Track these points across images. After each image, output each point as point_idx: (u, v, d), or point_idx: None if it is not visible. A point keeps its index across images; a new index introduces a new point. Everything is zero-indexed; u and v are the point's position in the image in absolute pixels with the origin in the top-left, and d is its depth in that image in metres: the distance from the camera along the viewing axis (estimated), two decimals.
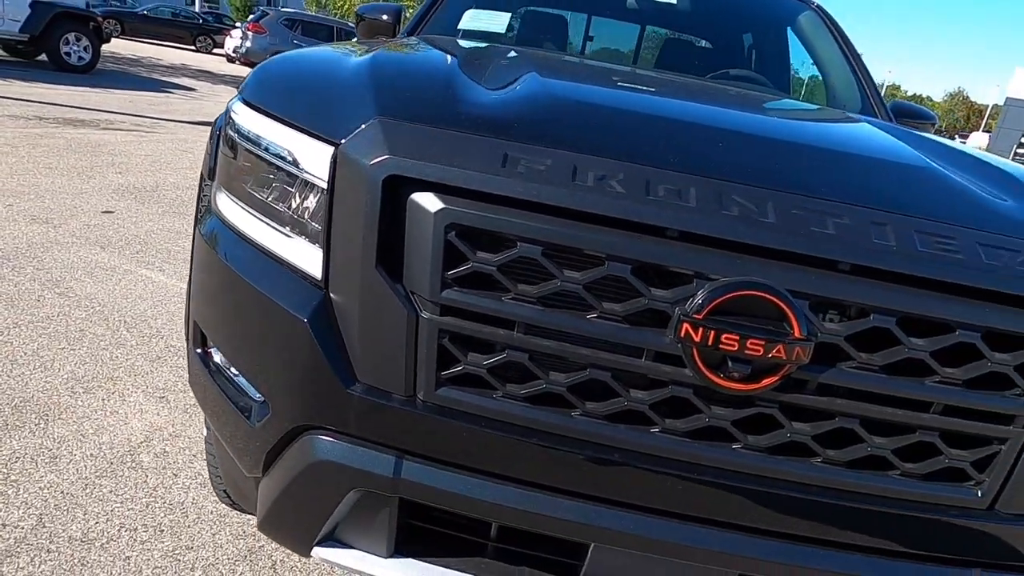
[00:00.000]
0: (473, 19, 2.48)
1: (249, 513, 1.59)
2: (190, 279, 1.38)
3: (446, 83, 1.13)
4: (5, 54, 12.73)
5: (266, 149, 1.14)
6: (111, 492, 2.05)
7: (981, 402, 0.97)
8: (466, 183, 0.94)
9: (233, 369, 1.22)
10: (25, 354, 2.72)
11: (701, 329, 0.90)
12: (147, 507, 2.02)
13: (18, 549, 1.78)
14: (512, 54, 1.63)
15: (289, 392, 1.09)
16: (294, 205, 1.10)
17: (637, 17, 2.90)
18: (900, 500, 1.01)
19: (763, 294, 0.90)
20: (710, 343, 0.90)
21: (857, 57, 2.62)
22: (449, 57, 1.29)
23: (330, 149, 1.03)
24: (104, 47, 13.03)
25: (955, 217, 0.99)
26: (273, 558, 1.91)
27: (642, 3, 2.81)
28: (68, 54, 11.95)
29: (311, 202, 1.07)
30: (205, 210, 1.33)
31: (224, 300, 1.21)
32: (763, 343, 0.89)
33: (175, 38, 28.49)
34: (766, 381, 0.93)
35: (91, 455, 2.20)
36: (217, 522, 2.00)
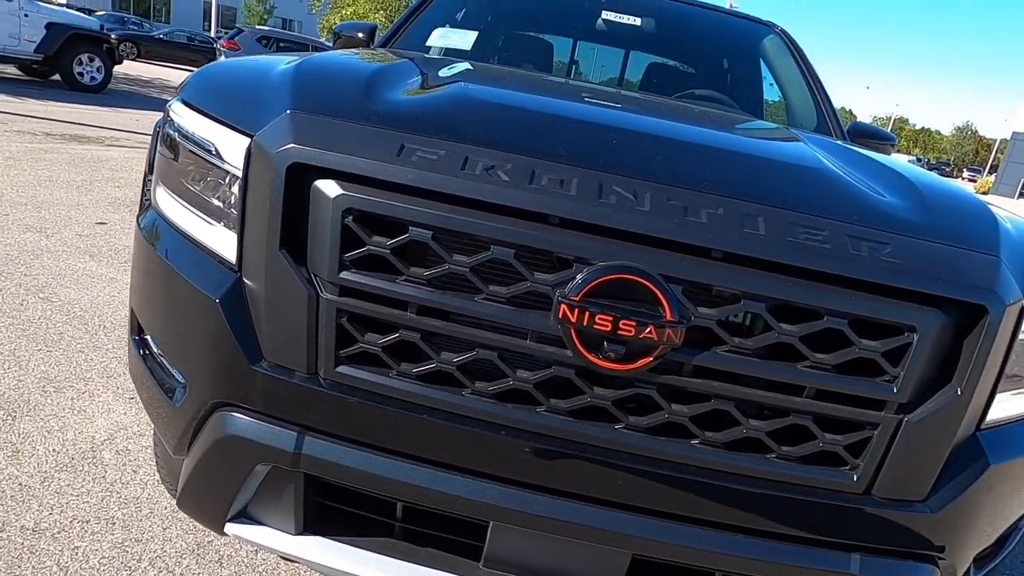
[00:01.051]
0: (441, 37, 2.58)
1: None
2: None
3: (362, 85, 1.20)
4: (21, 73, 13.05)
5: (195, 142, 1.21)
6: (68, 486, 2.09)
7: (851, 387, 1.01)
8: (363, 171, 1.00)
9: (160, 353, 1.28)
10: (1, 354, 2.79)
11: (577, 310, 0.95)
12: (102, 501, 2.06)
13: None
14: (453, 64, 1.71)
15: (203, 370, 1.14)
16: (215, 194, 1.17)
17: (604, 38, 3.00)
18: (779, 482, 1.05)
19: (636, 278, 0.95)
20: (586, 324, 0.95)
21: (816, 79, 2.69)
22: (377, 64, 1.36)
23: (246, 140, 1.10)
24: (118, 69, 13.36)
25: (828, 211, 1.04)
26: (220, 552, 1.95)
27: (610, 25, 2.90)
28: (81, 74, 12.24)
29: (229, 191, 1.14)
30: (146, 205, 1.39)
31: (154, 286, 1.27)
32: (635, 324, 0.94)
33: (190, 61, 29.07)
34: (641, 362, 0.97)
35: (53, 450, 2.25)
36: (169, 517, 2.04)
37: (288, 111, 1.08)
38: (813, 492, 1.05)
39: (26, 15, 11.44)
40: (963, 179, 69.56)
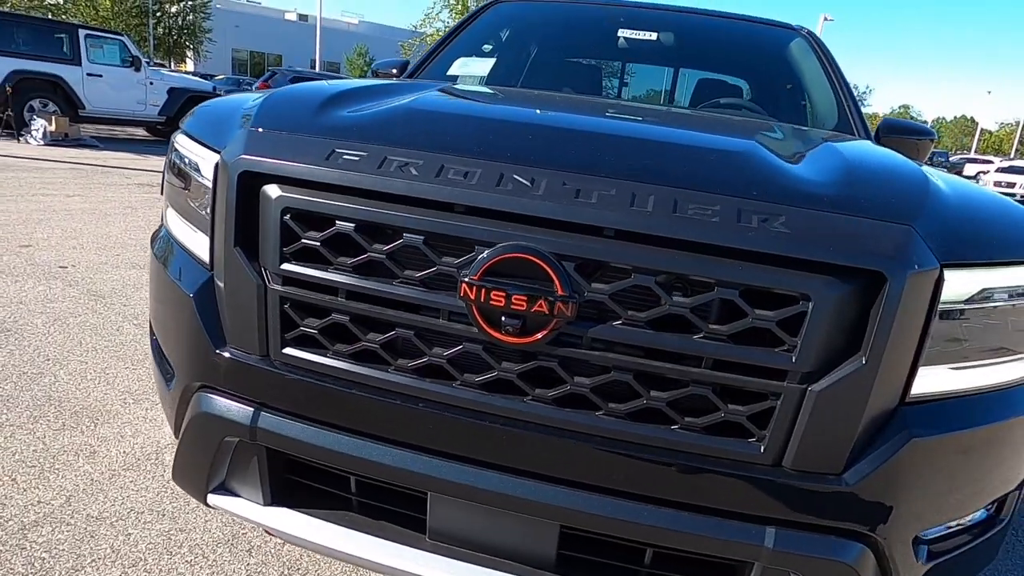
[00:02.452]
0: (461, 66, 2.75)
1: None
2: None
3: (316, 106, 1.35)
4: (148, 135, 14.64)
5: (186, 163, 1.41)
6: (131, 482, 2.36)
7: (747, 357, 1.03)
8: (297, 174, 1.15)
9: (161, 347, 1.47)
10: (95, 372, 3.17)
11: (476, 288, 1.04)
12: (156, 495, 2.30)
13: (44, 520, 2.10)
14: (432, 85, 1.85)
15: (185, 357, 1.31)
16: (198, 205, 1.35)
17: (627, 57, 3.07)
18: (686, 453, 1.07)
19: (529, 257, 1.03)
20: (484, 300, 1.04)
21: (840, 79, 2.63)
22: (346, 87, 1.52)
23: (216, 156, 1.28)
24: None
25: (724, 188, 1.07)
26: (251, 543, 2.13)
27: (632, 43, 2.97)
28: None
29: (205, 200, 1.32)
30: (160, 226, 1.61)
31: (157, 291, 1.47)
32: (526, 299, 1.02)
33: None
34: (538, 335, 1.04)
35: (123, 452, 2.54)
36: (211, 512, 2.25)
37: (245, 129, 1.25)
38: (721, 463, 1.06)
39: (151, 83, 12.88)
40: None
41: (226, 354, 1.23)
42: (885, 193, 1.14)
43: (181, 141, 1.47)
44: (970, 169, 39.61)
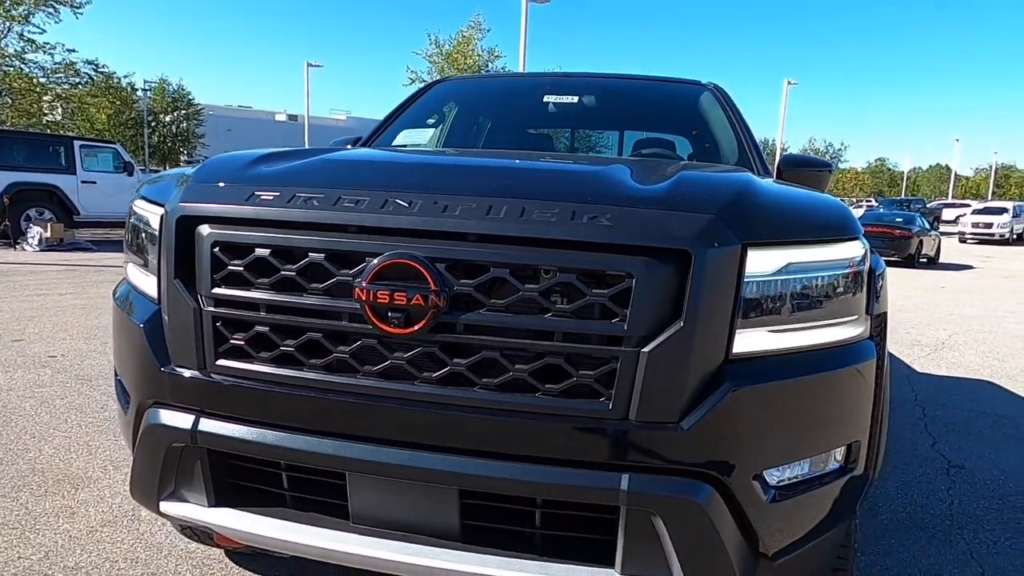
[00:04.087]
0: (404, 137, 3.08)
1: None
2: None
3: (246, 163, 1.62)
4: None
5: (140, 220, 1.66)
6: (107, 536, 2.50)
7: (588, 328, 1.25)
8: (223, 213, 1.40)
9: (119, 378, 1.69)
10: (78, 445, 3.34)
11: (367, 291, 1.27)
12: (131, 546, 2.44)
13: (24, 573, 2.23)
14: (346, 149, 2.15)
15: (137, 379, 1.52)
16: (148, 253, 1.60)
17: (559, 118, 3.42)
18: (550, 415, 1.27)
19: (407, 261, 1.27)
20: (374, 299, 1.27)
21: (740, 123, 2.96)
22: (276, 151, 1.79)
23: (161, 209, 1.53)
24: None
25: (567, 197, 1.33)
26: None
27: (560, 107, 3.33)
28: None
29: (153, 248, 1.57)
30: (122, 279, 1.85)
31: (116, 328, 1.70)
32: (405, 294, 1.25)
33: None
34: (419, 325, 1.27)
35: (102, 511, 2.68)
36: (182, 556, 2.39)
37: (184, 185, 1.51)
38: (579, 421, 1.26)
39: None
40: None
41: (170, 371, 1.44)
42: (699, 195, 1.40)
43: (137, 204, 1.73)
44: (949, 213, 40.60)
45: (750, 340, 1.31)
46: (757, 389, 1.28)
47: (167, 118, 41.25)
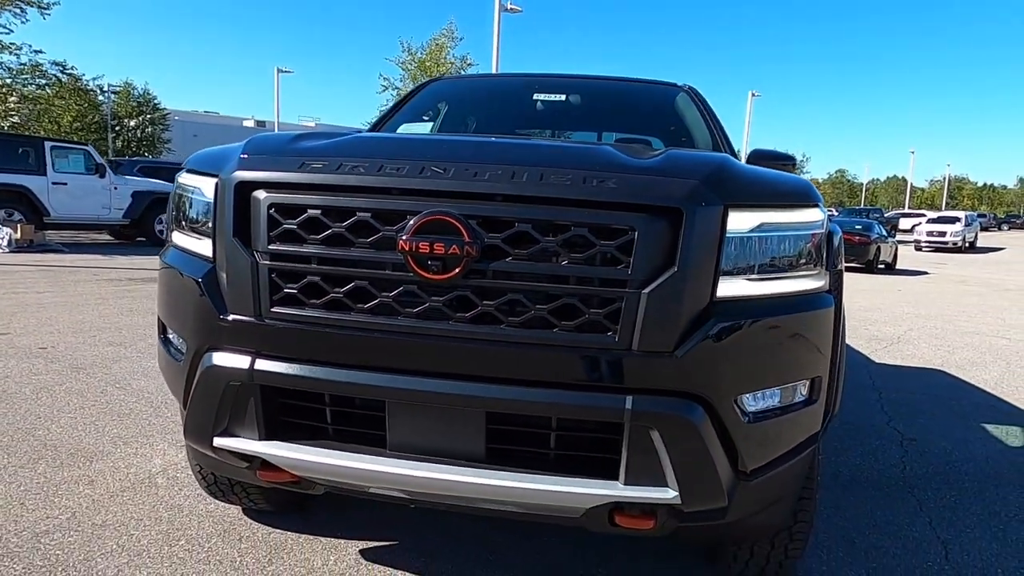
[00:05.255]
0: (404, 131, 3.30)
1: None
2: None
3: (288, 140, 1.83)
4: (111, 239, 14.97)
5: (190, 190, 1.86)
6: (129, 500, 2.65)
7: (599, 273, 1.49)
8: (277, 179, 1.61)
9: (171, 332, 1.87)
10: (84, 424, 3.46)
11: (409, 243, 1.49)
12: (152, 507, 2.60)
13: (55, 530, 2.38)
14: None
15: (193, 328, 1.72)
16: (201, 217, 1.80)
17: (547, 115, 3.67)
18: (567, 347, 1.50)
19: (444, 217, 1.50)
20: (415, 250, 1.49)
21: (713, 120, 3.26)
22: (308, 131, 2.01)
23: (214, 179, 1.73)
24: None
25: (577, 166, 1.57)
26: (241, 534, 2.43)
27: (547, 104, 3.59)
28: (161, 231, 13.97)
29: (206, 213, 1.76)
30: (167, 246, 2.04)
31: (168, 288, 1.88)
32: (443, 245, 1.47)
33: None
34: (454, 271, 1.49)
35: (119, 479, 2.83)
36: (203, 514, 2.56)
37: (239, 156, 1.72)
38: (590, 351, 1.50)
39: (115, 188, 13.37)
40: None
41: (228, 318, 1.64)
42: (688, 165, 1.66)
43: (184, 177, 1.92)
44: (905, 223, 42.07)
45: (731, 286, 1.56)
46: (737, 325, 1.53)
47: (132, 122, 40.54)
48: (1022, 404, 4.80)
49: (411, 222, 1.51)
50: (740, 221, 1.57)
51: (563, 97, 3.50)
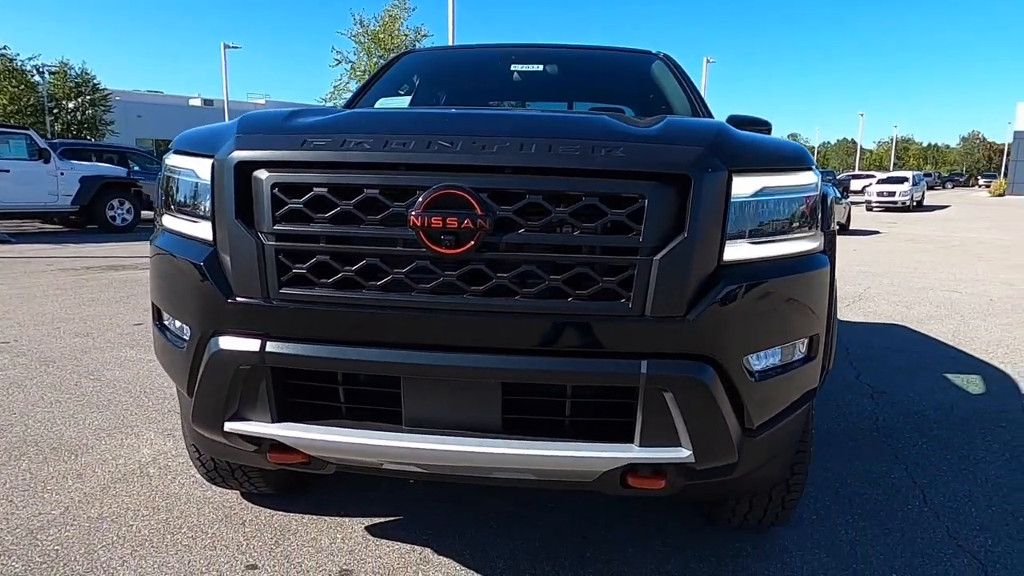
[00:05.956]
0: (383, 105, 3.25)
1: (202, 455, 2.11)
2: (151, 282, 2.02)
3: (282, 117, 1.79)
4: (61, 227, 14.39)
5: (181, 172, 1.80)
6: (122, 490, 2.60)
7: (611, 242, 1.51)
8: (280, 158, 1.58)
9: (170, 319, 1.83)
10: (63, 418, 3.37)
11: (421, 218, 1.48)
12: (148, 497, 2.56)
13: (50, 525, 2.33)
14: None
15: (197, 313, 1.68)
16: (196, 201, 1.75)
17: (524, 85, 3.65)
18: (582, 315, 1.53)
19: (455, 191, 1.49)
20: (427, 225, 1.48)
21: (690, 87, 3.29)
22: (297, 109, 1.96)
23: (209, 160, 1.68)
24: (148, 213, 14.60)
25: (583, 136, 1.58)
26: (244, 519, 2.42)
27: (524, 75, 3.56)
28: (113, 217, 13.50)
29: (203, 195, 1.72)
30: (157, 230, 1.98)
31: (164, 275, 1.84)
32: (456, 219, 1.47)
33: None
34: (467, 245, 1.49)
35: (109, 471, 2.77)
36: (202, 500, 2.53)
37: (234, 136, 1.67)
38: (604, 319, 1.52)
39: (62, 174, 12.80)
40: (980, 185, 69.32)
41: (235, 301, 1.61)
42: (691, 133, 1.68)
43: (173, 158, 1.87)
44: (856, 184, 43.18)
45: (736, 250, 1.60)
46: (744, 287, 1.57)
47: (70, 104, 38.69)
48: (978, 354, 5.04)
49: (421, 197, 1.50)
50: (743, 186, 1.60)
51: (540, 67, 3.48)
